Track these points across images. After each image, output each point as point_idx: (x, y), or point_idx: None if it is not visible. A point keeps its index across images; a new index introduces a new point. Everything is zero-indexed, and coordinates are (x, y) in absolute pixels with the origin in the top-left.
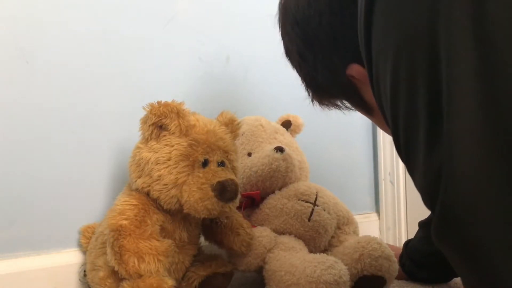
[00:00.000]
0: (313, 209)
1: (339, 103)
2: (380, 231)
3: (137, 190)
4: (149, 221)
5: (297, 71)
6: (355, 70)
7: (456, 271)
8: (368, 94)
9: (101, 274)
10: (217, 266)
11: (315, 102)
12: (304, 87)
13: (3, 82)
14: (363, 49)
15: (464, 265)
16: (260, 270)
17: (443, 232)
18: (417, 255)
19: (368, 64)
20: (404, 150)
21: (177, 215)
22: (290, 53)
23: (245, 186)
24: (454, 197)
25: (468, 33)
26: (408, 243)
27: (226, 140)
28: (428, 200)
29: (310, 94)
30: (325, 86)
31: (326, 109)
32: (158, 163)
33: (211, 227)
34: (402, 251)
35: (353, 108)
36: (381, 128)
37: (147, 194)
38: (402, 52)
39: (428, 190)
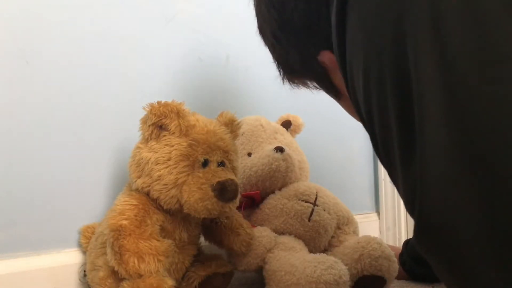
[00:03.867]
0: (313, 209)
1: (309, 83)
2: (380, 231)
3: (137, 190)
4: (149, 221)
5: (270, 50)
6: (327, 57)
7: (439, 277)
8: (338, 80)
9: (101, 274)
10: (217, 266)
11: (285, 80)
12: (275, 66)
13: (3, 82)
14: (335, 43)
15: (444, 272)
16: (260, 270)
17: (423, 240)
18: (417, 253)
19: (341, 62)
20: (384, 162)
21: (177, 215)
22: (264, 32)
23: (245, 186)
24: (427, 209)
25: (431, 48)
26: (408, 242)
27: (226, 140)
28: (409, 210)
29: (281, 73)
30: (296, 68)
31: (295, 87)
32: (158, 163)
33: (211, 227)
34: (402, 250)
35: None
36: (349, 113)
37: (147, 194)
38: (371, 60)
39: (407, 201)
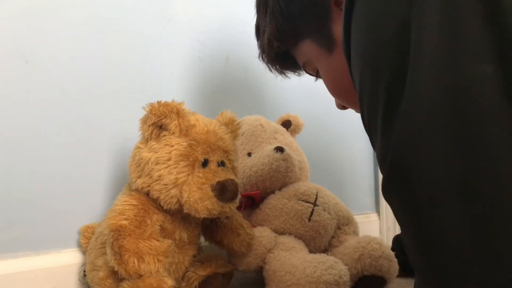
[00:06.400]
0: (313, 209)
1: (290, 61)
2: (380, 231)
3: (137, 190)
4: (149, 221)
5: (264, 12)
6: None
7: (399, 223)
8: (338, 30)
9: (101, 274)
10: (217, 266)
11: (265, 55)
12: (261, 35)
13: (2, 82)
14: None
15: (405, 216)
16: (260, 270)
17: (390, 185)
18: None
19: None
20: (367, 128)
21: (177, 215)
22: None
23: (245, 186)
24: (400, 153)
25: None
26: (397, 237)
27: (226, 140)
28: (380, 162)
29: (266, 41)
30: (297, 17)
31: (274, 69)
32: (158, 163)
33: (211, 227)
34: (393, 245)
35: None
36: (329, 77)
37: (147, 194)
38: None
39: (382, 154)
